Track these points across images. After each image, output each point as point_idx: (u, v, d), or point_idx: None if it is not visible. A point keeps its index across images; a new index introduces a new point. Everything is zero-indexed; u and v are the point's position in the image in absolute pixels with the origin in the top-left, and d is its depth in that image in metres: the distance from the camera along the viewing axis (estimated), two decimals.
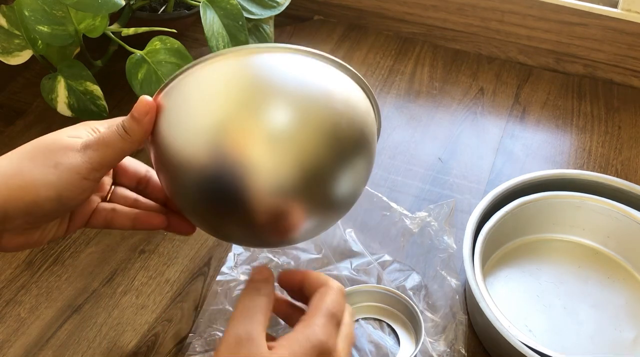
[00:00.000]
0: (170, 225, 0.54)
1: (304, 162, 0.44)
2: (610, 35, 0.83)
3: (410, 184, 0.73)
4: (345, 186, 0.47)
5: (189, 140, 0.44)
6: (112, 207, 0.53)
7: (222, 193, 0.44)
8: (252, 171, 0.43)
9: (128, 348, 0.59)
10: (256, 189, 0.43)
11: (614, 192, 0.66)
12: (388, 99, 0.83)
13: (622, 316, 0.60)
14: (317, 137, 0.44)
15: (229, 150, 0.43)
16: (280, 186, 0.44)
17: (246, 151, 0.43)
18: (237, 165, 0.43)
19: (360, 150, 0.47)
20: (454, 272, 0.63)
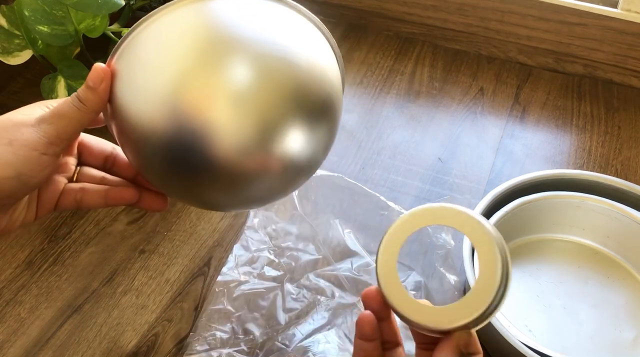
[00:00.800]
0: (142, 199, 0.52)
1: (266, 123, 0.42)
2: (610, 35, 0.83)
3: (410, 184, 0.73)
4: (308, 147, 0.45)
5: (147, 105, 0.42)
6: (80, 187, 0.51)
7: (186, 158, 0.43)
8: (214, 133, 0.41)
9: (128, 348, 0.59)
10: (219, 150, 0.42)
11: (613, 192, 0.66)
12: (388, 99, 0.83)
13: (622, 316, 0.60)
14: (279, 96, 0.42)
15: (189, 112, 0.41)
16: (243, 147, 0.42)
17: (207, 113, 0.41)
18: (198, 128, 0.41)
19: (324, 111, 0.45)
20: (453, 269, 0.63)
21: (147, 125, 0.43)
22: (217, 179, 0.44)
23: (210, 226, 0.68)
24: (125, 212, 0.69)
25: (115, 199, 0.52)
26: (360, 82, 0.85)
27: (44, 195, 0.50)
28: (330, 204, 0.66)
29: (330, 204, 0.66)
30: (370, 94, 0.83)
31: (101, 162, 0.53)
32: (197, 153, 0.42)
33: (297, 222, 0.65)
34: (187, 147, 0.42)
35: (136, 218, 0.69)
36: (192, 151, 0.42)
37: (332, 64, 0.47)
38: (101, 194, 0.52)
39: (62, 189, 0.51)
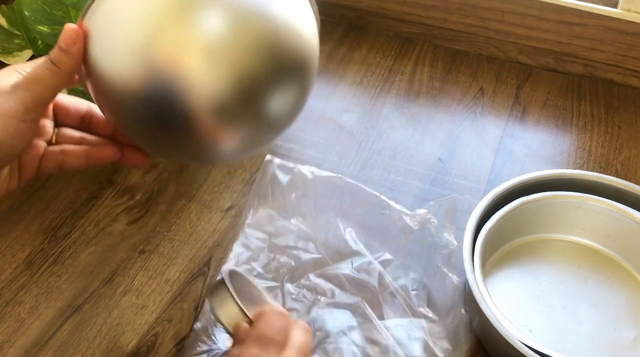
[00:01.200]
0: (123, 156, 0.52)
1: (241, 74, 0.42)
2: (610, 35, 0.83)
3: (410, 184, 0.73)
4: (282, 100, 0.46)
5: (121, 62, 0.42)
6: (60, 149, 0.51)
7: (162, 112, 0.43)
8: (189, 86, 0.42)
9: (128, 348, 0.59)
10: (195, 103, 0.42)
11: (613, 192, 0.66)
12: (388, 99, 0.83)
13: (622, 316, 0.60)
14: (253, 48, 0.42)
15: (163, 66, 0.41)
16: (218, 99, 0.42)
17: (182, 65, 0.41)
18: (173, 81, 0.41)
19: (299, 66, 0.45)
20: (455, 269, 0.63)
21: (123, 83, 0.43)
22: (194, 132, 0.44)
23: (210, 226, 0.68)
24: (125, 212, 0.69)
25: (97, 158, 0.51)
26: (360, 82, 0.85)
27: (25, 161, 0.49)
28: (330, 204, 0.66)
29: (330, 204, 0.66)
30: (370, 94, 0.83)
31: (78, 121, 0.52)
32: (174, 107, 0.42)
33: (297, 221, 0.65)
34: (163, 101, 0.42)
35: (136, 218, 0.69)
36: (168, 105, 0.42)
37: (309, 22, 0.47)
38: (82, 154, 0.51)
39: (43, 152, 0.50)
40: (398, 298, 0.61)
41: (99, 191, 0.71)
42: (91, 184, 0.72)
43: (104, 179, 0.73)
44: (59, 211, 0.69)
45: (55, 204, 0.70)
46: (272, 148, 0.76)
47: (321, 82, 0.85)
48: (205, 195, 0.71)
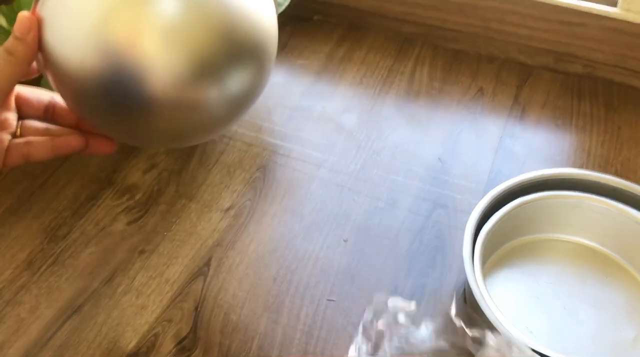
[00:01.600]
0: (89, 145, 0.52)
1: (196, 56, 0.43)
2: (610, 35, 0.83)
3: (410, 184, 0.73)
4: (240, 79, 0.46)
5: (77, 48, 0.42)
6: (25, 141, 0.51)
7: (122, 97, 0.43)
8: (146, 69, 0.42)
9: (128, 348, 0.59)
10: (153, 86, 0.42)
11: (613, 191, 0.66)
12: (388, 99, 0.83)
13: (622, 315, 0.61)
14: (208, 30, 0.43)
15: (120, 50, 0.41)
16: (176, 81, 0.43)
17: (137, 48, 0.41)
18: (130, 64, 0.42)
19: (255, 48, 0.46)
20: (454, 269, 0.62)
21: (80, 68, 0.43)
22: (154, 114, 0.44)
23: (210, 225, 0.68)
24: (125, 212, 0.69)
25: (62, 148, 0.51)
26: (360, 82, 0.85)
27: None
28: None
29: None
30: (370, 94, 0.83)
31: (41, 112, 0.52)
32: (133, 91, 0.43)
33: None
34: (121, 85, 0.42)
35: (136, 218, 0.69)
36: (127, 89, 0.43)
37: (265, 7, 0.47)
38: (47, 145, 0.51)
39: (7, 146, 0.50)
40: None
41: (98, 190, 0.71)
42: (91, 184, 0.72)
43: (104, 179, 0.73)
44: (59, 210, 0.69)
45: (55, 204, 0.70)
46: (272, 148, 0.76)
47: (321, 82, 0.85)
48: (205, 195, 0.71)
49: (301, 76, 0.86)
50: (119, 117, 0.46)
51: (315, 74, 0.86)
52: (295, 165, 0.75)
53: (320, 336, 0.59)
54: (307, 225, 0.68)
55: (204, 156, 0.75)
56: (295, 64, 0.88)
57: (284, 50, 0.89)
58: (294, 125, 0.79)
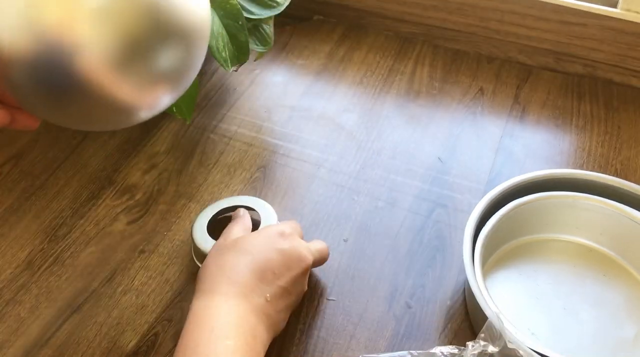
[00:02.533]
0: (14, 120, 0.51)
1: (126, 37, 0.43)
2: (610, 35, 0.83)
3: (410, 184, 0.73)
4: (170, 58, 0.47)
5: (7, 29, 0.43)
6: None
7: (52, 79, 0.44)
8: (76, 50, 0.43)
9: (128, 348, 0.59)
10: (83, 68, 0.43)
11: (612, 191, 0.66)
12: (388, 99, 0.83)
13: (622, 314, 0.61)
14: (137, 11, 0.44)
15: (50, 32, 0.42)
16: (106, 59, 0.43)
17: (68, 30, 0.42)
18: (60, 46, 0.42)
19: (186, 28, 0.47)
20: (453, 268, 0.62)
21: (12, 49, 0.43)
22: (87, 95, 0.45)
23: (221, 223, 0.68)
24: (125, 212, 0.69)
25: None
26: (360, 82, 0.85)
27: None
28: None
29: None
30: (370, 94, 0.83)
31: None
32: (63, 73, 0.43)
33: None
34: (52, 68, 0.43)
35: (136, 218, 0.69)
36: (57, 72, 0.43)
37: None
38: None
39: None
40: None
41: (98, 190, 0.71)
42: (91, 184, 0.72)
43: (104, 179, 0.73)
44: (59, 210, 0.69)
45: (55, 204, 0.70)
46: (272, 148, 0.76)
47: (321, 82, 0.85)
48: (205, 195, 0.71)
49: (301, 76, 0.86)
50: (48, 98, 0.46)
51: (315, 73, 0.86)
52: (295, 165, 0.75)
53: (320, 335, 0.59)
54: (307, 225, 0.68)
55: (204, 156, 0.75)
56: (295, 64, 0.88)
57: (284, 50, 0.89)
58: (294, 125, 0.79)
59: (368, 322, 0.61)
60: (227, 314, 0.51)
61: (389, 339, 0.59)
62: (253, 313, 0.52)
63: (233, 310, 0.52)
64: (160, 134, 0.78)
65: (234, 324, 0.51)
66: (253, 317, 0.52)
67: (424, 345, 0.59)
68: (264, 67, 0.87)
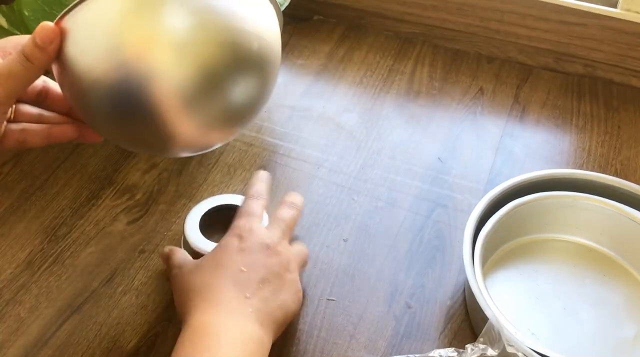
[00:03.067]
0: (81, 135, 0.54)
1: (202, 67, 0.45)
2: (610, 35, 0.83)
3: (410, 184, 0.73)
4: (243, 90, 0.49)
5: (95, 59, 0.45)
6: (21, 128, 0.52)
7: (130, 105, 0.46)
8: (153, 79, 0.45)
9: (128, 348, 0.59)
10: (160, 94, 0.45)
11: (612, 191, 0.66)
12: (388, 98, 0.83)
13: (622, 313, 0.61)
14: (214, 42, 0.46)
15: (134, 63, 0.44)
16: (182, 90, 0.45)
17: (149, 62, 0.45)
18: (142, 76, 0.45)
19: (259, 62, 0.49)
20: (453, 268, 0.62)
21: (95, 77, 0.46)
22: (160, 123, 0.47)
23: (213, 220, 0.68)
24: (125, 212, 0.69)
25: (57, 138, 0.53)
26: (360, 82, 0.85)
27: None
28: None
29: None
30: (370, 94, 0.83)
31: (34, 97, 0.53)
32: (139, 101, 0.46)
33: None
34: (129, 95, 0.45)
35: (136, 218, 0.69)
36: (134, 100, 0.45)
37: (269, 21, 0.50)
38: (43, 134, 0.53)
39: (3, 131, 0.51)
40: None
41: (99, 190, 0.71)
42: (91, 184, 0.72)
43: (104, 179, 0.73)
44: (58, 210, 0.69)
45: (55, 204, 0.70)
46: (272, 148, 0.76)
47: (321, 82, 0.85)
48: (205, 195, 0.71)
49: (301, 76, 0.86)
50: (121, 125, 0.48)
51: (315, 73, 0.86)
52: (295, 165, 0.75)
53: (320, 335, 0.59)
54: (307, 225, 0.68)
55: (204, 156, 0.75)
56: (295, 64, 0.88)
57: (284, 50, 0.89)
58: (294, 125, 0.79)
59: (368, 322, 0.61)
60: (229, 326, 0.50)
61: (388, 339, 0.59)
62: (236, 314, 0.51)
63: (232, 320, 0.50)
64: None
65: (237, 333, 0.50)
66: (240, 319, 0.51)
67: (424, 345, 0.59)
68: None
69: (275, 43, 0.51)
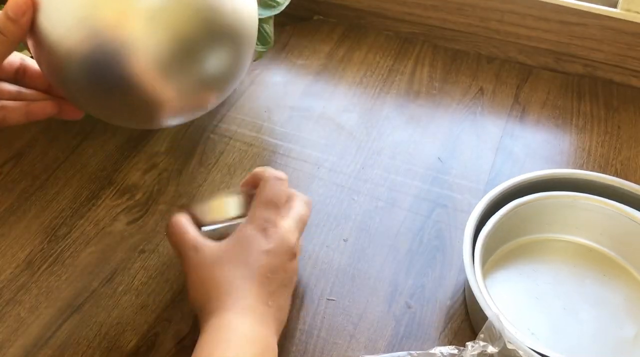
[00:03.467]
0: (61, 110, 0.54)
1: (177, 38, 0.46)
2: (610, 35, 0.83)
3: (410, 184, 0.73)
4: (218, 59, 0.49)
5: (67, 30, 0.45)
6: (0, 105, 0.52)
7: (105, 76, 0.46)
8: (128, 50, 0.45)
9: (128, 348, 0.59)
10: (134, 67, 0.46)
11: (612, 191, 0.66)
12: (388, 99, 0.83)
13: (622, 313, 0.61)
14: (188, 14, 0.46)
15: (108, 32, 0.44)
16: (157, 59, 0.46)
17: (124, 31, 0.45)
18: (114, 45, 0.45)
19: (234, 33, 0.49)
20: (454, 267, 0.63)
21: (68, 49, 0.46)
22: (137, 93, 0.47)
23: None
24: (125, 212, 0.69)
25: (37, 114, 0.53)
26: (360, 82, 0.85)
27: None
28: None
29: None
30: (370, 94, 0.83)
31: (12, 75, 0.53)
32: (115, 71, 0.46)
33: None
34: (105, 65, 0.46)
35: (136, 218, 0.69)
36: (110, 69, 0.46)
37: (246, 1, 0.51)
38: (22, 110, 0.53)
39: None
40: None
41: (98, 190, 0.71)
42: (91, 184, 0.72)
43: (104, 179, 0.73)
44: (58, 210, 0.69)
45: (55, 204, 0.70)
46: (272, 148, 0.76)
47: (321, 82, 0.85)
48: (205, 195, 0.71)
49: (301, 76, 0.86)
50: (95, 93, 0.48)
51: (315, 74, 0.86)
52: (295, 165, 0.75)
53: (320, 335, 0.59)
54: (307, 225, 0.68)
55: (204, 156, 0.75)
56: (295, 64, 0.88)
57: (284, 50, 0.89)
58: (294, 125, 0.79)
59: (368, 322, 0.61)
60: (238, 332, 0.50)
61: (388, 339, 0.59)
62: (261, 324, 0.51)
63: (242, 327, 0.50)
64: (160, 133, 0.78)
65: (246, 341, 0.49)
66: (263, 329, 0.51)
67: (424, 345, 0.59)
68: (264, 67, 0.87)
69: (248, 16, 0.51)
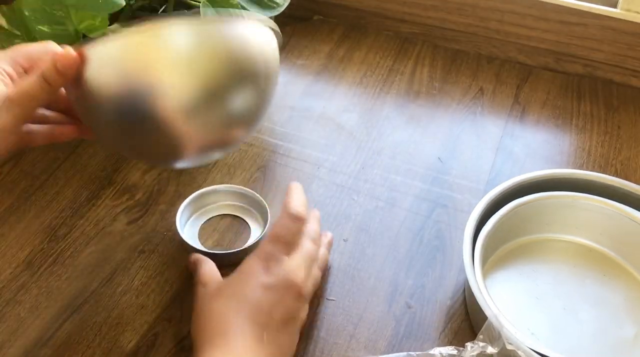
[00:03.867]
0: (82, 132, 0.57)
1: (203, 83, 0.50)
2: (610, 35, 0.83)
3: (410, 184, 0.73)
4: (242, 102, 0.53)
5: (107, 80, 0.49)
6: (27, 130, 0.54)
7: (136, 116, 0.49)
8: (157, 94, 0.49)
9: (128, 348, 0.59)
10: (165, 107, 0.49)
11: (612, 191, 0.66)
12: (388, 99, 0.83)
13: (622, 313, 0.61)
14: (213, 63, 0.50)
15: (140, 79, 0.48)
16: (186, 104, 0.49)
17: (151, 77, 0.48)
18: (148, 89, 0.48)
19: (255, 73, 0.53)
20: (454, 267, 0.62)
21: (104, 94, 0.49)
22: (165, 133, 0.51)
23: (210, 225, 0.68)
24: (125, 212, 0.69)
25: (60, 137, 0.56)
26: (360, 82, 0.85)
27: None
28: None
29: None
30: (370, 94, 0.83)
31: None
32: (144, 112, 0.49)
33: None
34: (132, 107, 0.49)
35: (136, 218, 0.69)
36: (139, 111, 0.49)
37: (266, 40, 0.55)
38: (47, 134, 0.56)
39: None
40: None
41: (98, 190, 0.71)
42: (91, 184, 0.72)
43: (104, 179, 0.73)
44: (58, 210, 0.69)
45: (55, 204, 0.70)
46: (272, 148, 0.76)
47: (321, 82, 0.85)
48: None
49: (301, 76, 0.86)
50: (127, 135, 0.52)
51: (315, 74, 0.86)
52: (295, 165, 0.75)
53: (320, 335, 0.59)
54: None
55: None
56: (295, 64, 0.88)
57: (284, 50, 0.89)
58: (294, 125, 0.79)
59: (368, 322, 0.61)
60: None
61: (388, 339, 0.59)
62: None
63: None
64: None
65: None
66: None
67: (424, 345, 0.59)
68: None
69: (270, 60, 0.54)
